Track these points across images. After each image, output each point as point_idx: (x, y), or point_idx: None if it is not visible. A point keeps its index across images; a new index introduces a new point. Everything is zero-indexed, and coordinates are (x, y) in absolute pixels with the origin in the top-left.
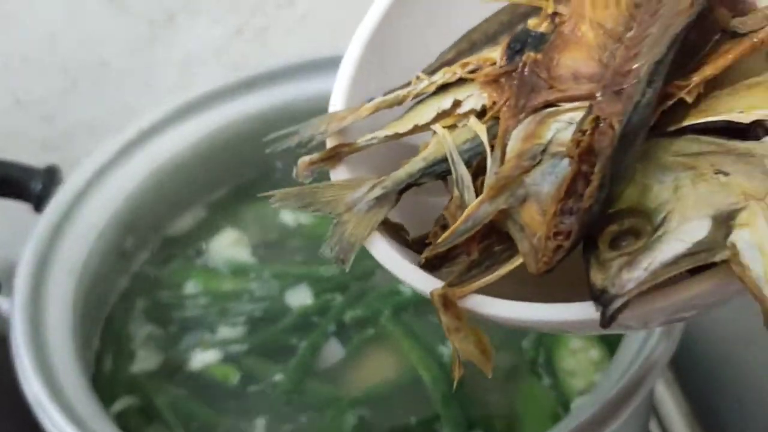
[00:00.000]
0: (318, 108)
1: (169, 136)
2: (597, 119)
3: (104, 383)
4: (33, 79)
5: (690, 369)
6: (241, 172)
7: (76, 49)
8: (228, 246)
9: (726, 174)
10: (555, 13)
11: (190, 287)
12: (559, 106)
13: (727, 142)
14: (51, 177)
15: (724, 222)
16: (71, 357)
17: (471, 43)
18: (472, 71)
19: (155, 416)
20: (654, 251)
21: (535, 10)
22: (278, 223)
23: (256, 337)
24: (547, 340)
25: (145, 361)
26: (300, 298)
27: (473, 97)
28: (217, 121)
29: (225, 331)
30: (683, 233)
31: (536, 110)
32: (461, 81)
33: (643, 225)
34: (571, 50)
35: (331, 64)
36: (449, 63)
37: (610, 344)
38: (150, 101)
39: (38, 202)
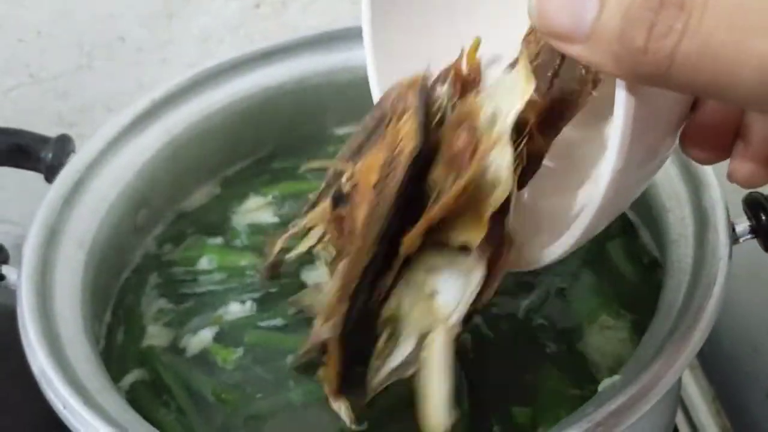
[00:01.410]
0: (336, 80)
1: (184, 108)
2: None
3: (114, 357)
4: (48, 55)
5: (716, 358)
6: (258, 144)
7: (91, 24)
8: (250, 213)
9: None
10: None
11: (204, 263)
12: None
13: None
14: (62, 146)
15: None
16: (79, 330)
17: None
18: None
19: (164, 391)
20: (385, 363)
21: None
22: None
23: (267, 314)
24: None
25: (155, 337)
26: (315, 276)
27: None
28: (233, 93)
29: (236, 308)
30: (400, 348)
31: None
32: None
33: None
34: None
35: (348, 35)
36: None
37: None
38: (167, 77)
39: (49, 172)
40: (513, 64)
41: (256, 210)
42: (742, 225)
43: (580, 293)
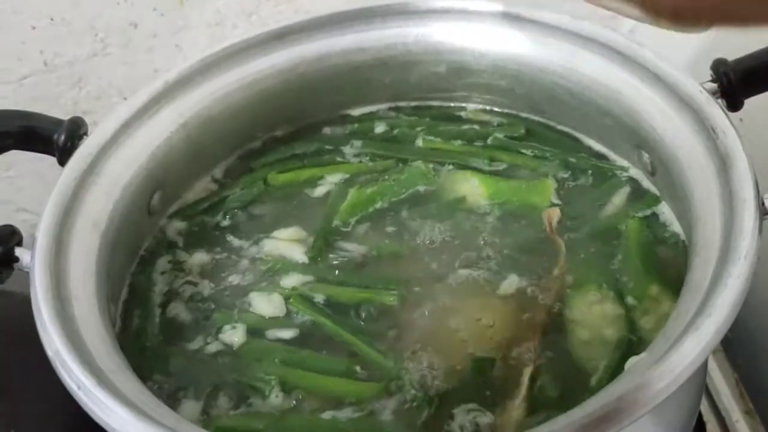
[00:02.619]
0: (350, 61)
1: (198, 91)
2: None
3: (130, 338)
4: (61, 42)
5: (739, 341)
6: (272, 126)
7: (104, 10)
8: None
9: None
10: None
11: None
12: None
13: None
14: (75, 129)
15: None
16: (94, 311)
17: None
18: None
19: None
20: None
21: None
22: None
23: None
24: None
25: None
26: None
27: None
28: (246, 75)
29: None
30: None
31: None
32: None
33: None
34: None
35: (361, 15)
36: None
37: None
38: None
39: (62, 155)
40: None
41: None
42: None
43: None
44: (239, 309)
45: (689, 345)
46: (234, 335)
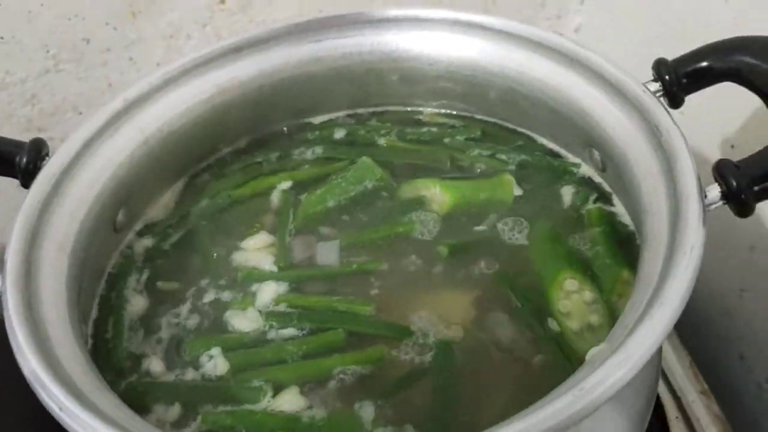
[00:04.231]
0: (308, 71)
1: (157, 106)
2: None
3: (102, 356)
4: (13, 60)
5: (691, 324)
6: (234, 138)
7: (55, 26)
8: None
9: None
10: None
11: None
12: None
13: None
14: (37, 150)
15: None
16: (67, 332)
17: None
18: None
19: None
20: None
21: None
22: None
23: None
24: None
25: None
26: None
27: None
28: (206, 89)
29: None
30: None
31: None
32: None
33: None
34: None
35: (316, 26)
36: None
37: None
38: (135, 77)
39: (25, 177)
40: None
41: None
42: (714, 191)
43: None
44: (214, 329)
45: (644, 333)
46: (213, 364)
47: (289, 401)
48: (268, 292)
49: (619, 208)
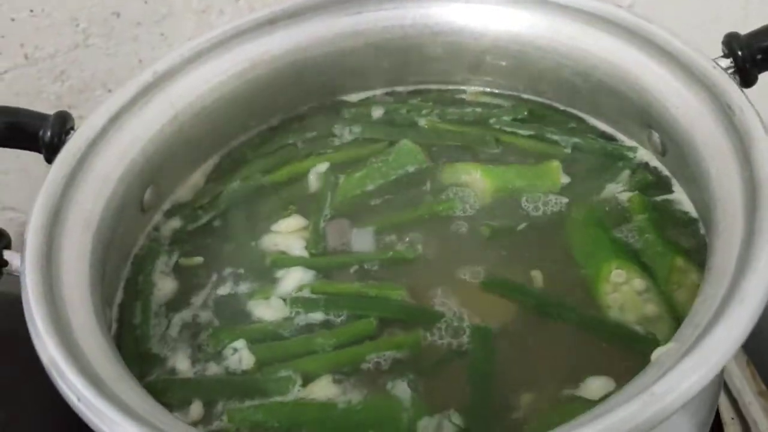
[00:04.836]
0: (345, 46)
1: (188, 80)
2: None
3: (127, 342)
4: (42, 34)
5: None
6: (267, 115)
7: (85, 0)
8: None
9: None
10: None
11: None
12: None
13: None
14: (62, 124)
15: None
16: (90, 316)
17: None
18: None
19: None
20: None
21: None
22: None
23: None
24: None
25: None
26: None
27: None
28: (239, 62)
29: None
30: None
31: None
32: None
33: None
34: None
35: None
36: None
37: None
38: (166, 53)
39: (48, 151)
40: None
41: None
42: None
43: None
44: (238, 319)
45: (721, 334)
46: (238, 357)
47: (322, 390)
48: (293, 279)
49: (679, 195)
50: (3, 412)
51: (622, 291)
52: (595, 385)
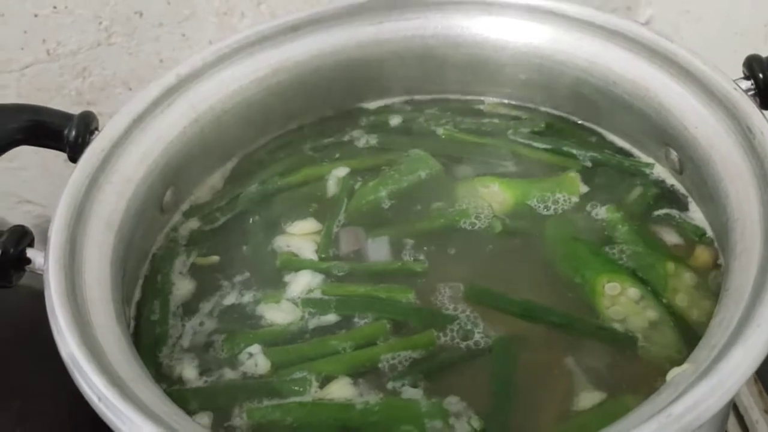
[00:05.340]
0: (367, 54)
1: (210, 84)
2: None
3: (144, 340)
4: (65, 31)
5: None
6: (286, 120)
7: None
8: None
9: None
10: None
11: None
12: None
13: None
14: (86, 124)
15: None
16: (111, 316)
17: None
18: None
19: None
20: None
21: None
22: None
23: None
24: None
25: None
26: None
27: None
28: (261, 68)
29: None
30: None
31: None
32: None
33: None
34: None
35: (377, 7)
36: None
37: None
38: (187, 54)
39: (72, 151)
40: None
41: None
42: None
43: None
44: (251, 322)
45: (738, 357)
46: (254, 362)
47: (339, 390)
48: (301, 283)
49: (695, 214)
50: (20, 402)
51: (621, 302)
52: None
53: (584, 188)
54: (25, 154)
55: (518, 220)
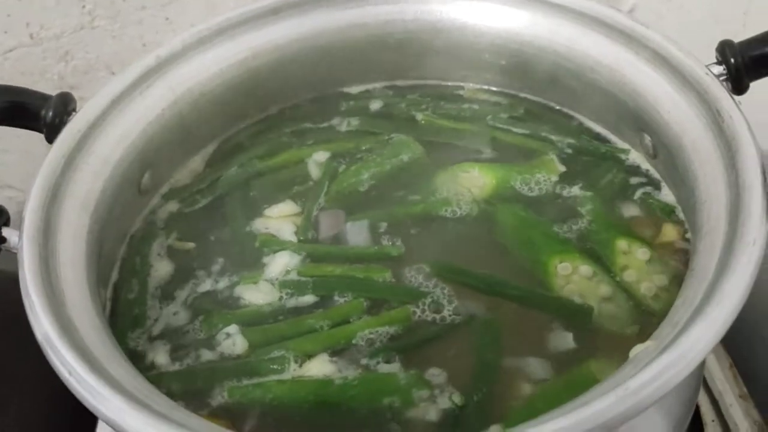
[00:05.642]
0: (347, 38)
1: (190, 66)
2: None
3: (119, 321)
4: (48, 14)
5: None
6: (266, 104)
7: None
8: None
9: None
10: None
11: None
12: None
13: None
14: (64, 104)
15: None
16: (85, 295)
17: None
18: None
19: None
20: None
21: None
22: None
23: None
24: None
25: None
26: None
27: None
28: (241, 51)
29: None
30: None
31: None
32: None
33: None
34: None
35: None
36: None
37: None
38: (170, 38)
39: (50, 132)
40: None
41: None
42: None
43: None
44: (229, 303)
45: (698, 333)
46: (232, 342)
47: (318, 367)
48: (279, 263)
49: (668, 197)
50: (3, 385)
51: (575, 281)
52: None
53: (562, 168)
54: (6, 137)
55: (497, 204)
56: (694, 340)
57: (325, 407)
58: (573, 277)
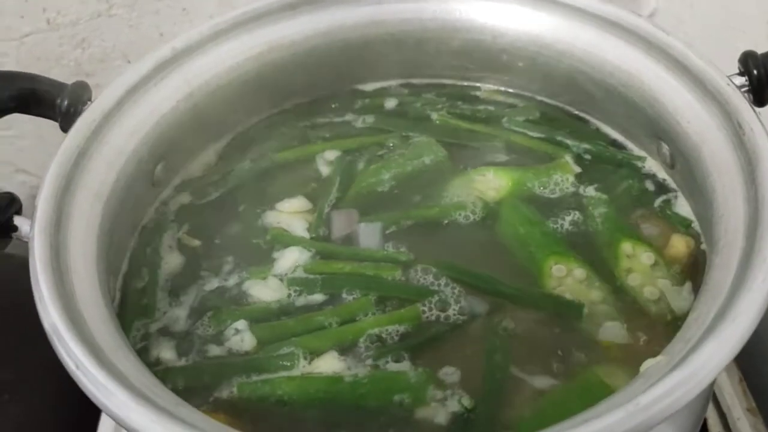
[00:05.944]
0: (364, 35)
1: (205, 59)
2: None
3: (128, 313)
4: (65, 0)
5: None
6: (281, 98)
7: None
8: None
9: None
10: None
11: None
12: None
13: None
14: (79, 94)
15: None
16: (94, 286)
17: None
18: None
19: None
20: None
21: None
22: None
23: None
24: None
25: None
26: None
27: None
28: (257, 45)
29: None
30: None
31: None
32: None
33: None
34: None
35: None
36: None
37: None
38: (187, 28)
39: (64, 120)
40: None
41: None
42: None
43: None
44: (238, 299)
45: (711, 350)
46: (240, 338)
47: (328, 364)
48: (289, 259)
49: (684, 207)
50: (10, 372)
51: (567, 283)
52: None
53: (577, 168)
54: (20, 122)
55: (502, 203)
56: (707, 358)
57: (334, 404)
58: (566, 279)
